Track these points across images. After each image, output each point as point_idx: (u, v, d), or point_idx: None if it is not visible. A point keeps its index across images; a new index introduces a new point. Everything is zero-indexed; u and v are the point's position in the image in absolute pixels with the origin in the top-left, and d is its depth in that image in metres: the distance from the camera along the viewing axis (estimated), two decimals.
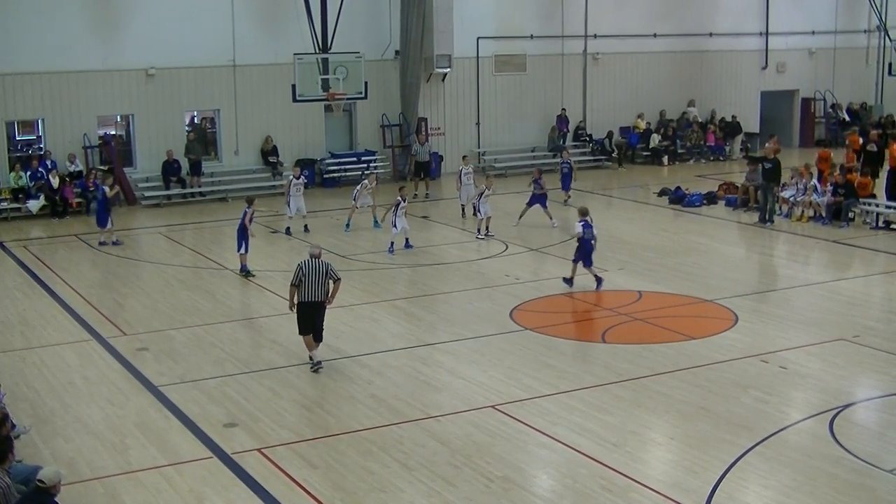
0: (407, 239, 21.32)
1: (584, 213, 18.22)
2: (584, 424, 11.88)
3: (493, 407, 12.50)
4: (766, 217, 24.14)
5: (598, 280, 18.00)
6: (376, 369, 14.04)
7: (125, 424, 12.18)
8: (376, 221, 23.68)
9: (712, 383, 13.26)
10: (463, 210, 25.03)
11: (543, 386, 13.24)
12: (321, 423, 12.13)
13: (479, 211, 22.58)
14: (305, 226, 23.25)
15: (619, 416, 12.17)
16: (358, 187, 23.94)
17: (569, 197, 26.84)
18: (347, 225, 23.64)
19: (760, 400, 12.63)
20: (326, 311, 14.13)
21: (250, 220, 19.24)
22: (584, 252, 18.00)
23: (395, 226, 21.05)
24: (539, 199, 23.72)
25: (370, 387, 13.35)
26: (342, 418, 12.27)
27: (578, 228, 17.97)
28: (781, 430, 11.67)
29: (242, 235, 19.30)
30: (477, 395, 12.96)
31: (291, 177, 23.47)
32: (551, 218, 23.64)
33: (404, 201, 21.15)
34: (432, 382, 13.54)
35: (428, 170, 29.33)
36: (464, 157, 26.50)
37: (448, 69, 31.76)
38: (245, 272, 19.38)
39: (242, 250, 19.32)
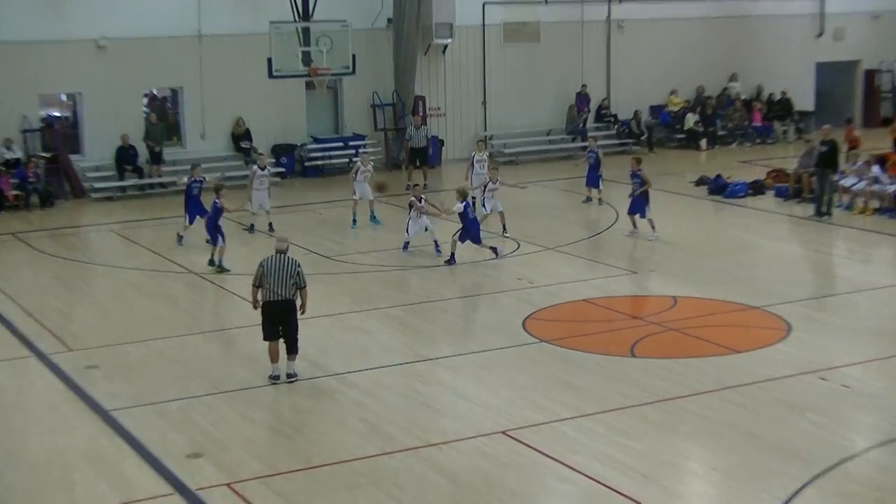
0: (436, 241, 20.90)
1: (464, 194, 20.21)
2: (609, 453, 11.80)
3: (503, 433, 12.43)
4: (823, 209, 24.08)
5: (494, 250, 20.26)
6: (367, 389, 13.96)
7: (70, 456, 12.08)
8: (373, 216, 23.56)
9: (761, 404, 13.18)
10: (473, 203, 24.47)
11: (562, 408, 13.16)
12: (301, 453, 12.05)
13: (484, 206, 22.44)
14: (270, 224, 23.06)
15: (650, 443, 12.09)
16: (352, 174, 23.84)
17: (600, 196, 25.79)
18: (354, 221, 23.53)
19: (818, 424, 12.54)
20: (301, 320, 14.10)
21: (221, 211, 19.71)
22: (471, 232, 19.96)
23: (408, 231, 20.93)
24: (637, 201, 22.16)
25: (359, 410, 13.27)
26: (326, 447, 12.18)
27: (459, 207, 19.85)
28: (844, 460, 11.57)
29: (217, 229, 19.78)
30: (484, 418, 12.88)
31: (255, 166, 23.31)
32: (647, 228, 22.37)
33: (420, 201, 20.89)
34: (432, 404, 13.47)
35: (425, 156, 29.24)
36: (479, 142, 26.42)
37: (449, 40, 31.71)
38: (220, 267, 19.76)
39: (221, 243, 19.83)
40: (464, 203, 19.99)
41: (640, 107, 35.08)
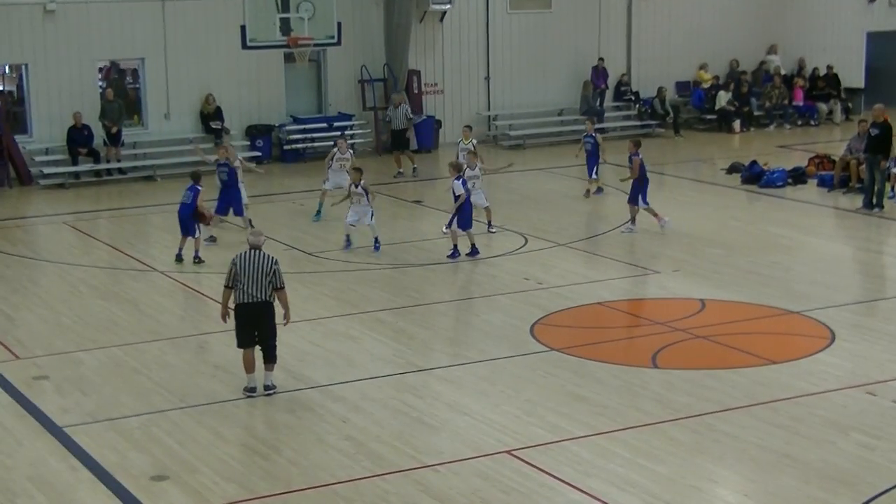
0: (377, 238, 20.95)
1: (458, 168, 20.46)
2: (628, 476, 11.86)
3: (507, 452, 12.49)
4: (873, 201, 24.15)
5: (474, 249, 20.27)
6: (353, 403, 14.02)
7: (16, 478, 12.11)
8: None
9: (800, 423, 13.24)
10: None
11: (574, 425, 13.23)
12: (280, 475, 12.10)
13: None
14: (249, 220, 22.85)
15: (674, 465, 12.16)
16: (328, 159, 23.90)
17: (598, 185, 25.94)
18: (318, 212, 23.59)
19: (865, 446, 12.60)
20: (279, 328, 14.18)
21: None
22: (466, 214, 20.12)
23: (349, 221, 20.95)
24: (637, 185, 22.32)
25: (345, 426, 13.33)
26: (308, 468, 12.25)
27: (459, 188, 19.94)
28: (895, 486, 11.63)
29: (194, 219, 20.16)
30: (486, 436, 12.94)
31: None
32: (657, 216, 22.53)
33: (357, 186, 20.69)
34: (427, 420, 13.53)
35: (405, 140, 29.16)
36: (465, 128, 25.44)
37: (448, 5, 31.78)
38: (197, 258, 20.28)
39: (198, 233, 20.29)
40: (460, 179, 20.17)
41: (665, 83, 35.13)
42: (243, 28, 25.90)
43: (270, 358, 14.24)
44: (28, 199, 26.84)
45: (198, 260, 20.32)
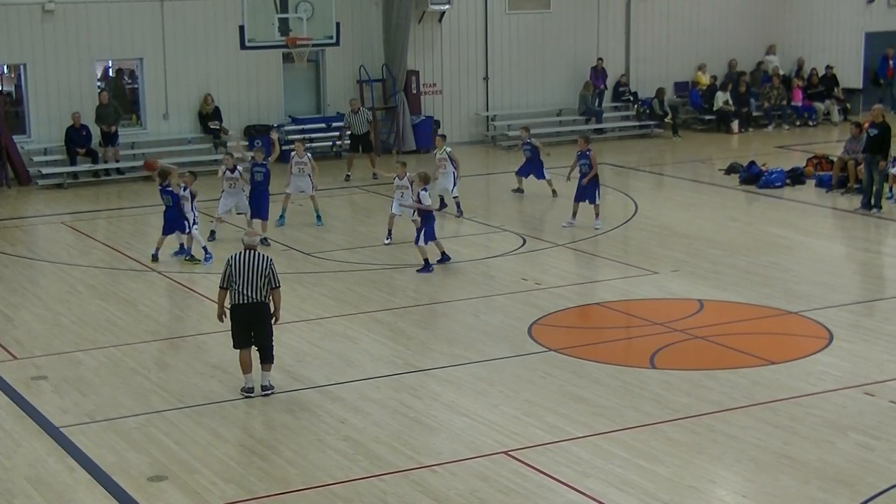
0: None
1: (426, 179, 19.64)
2: (626, 477, 11.87)
3: (505, 453, 12.50)
4: (872, 201, 24.15)
5: (443, 256, 19.91)
6: (352, 403, 14.03)
7: (14, 479, 12.12)
8: (318, 216, 23.27)
9: (798, 423, 13.25)
10: (455, 204, 24.21)
11: (572, 425, 13.24)
12: (278, 476, 12.10)
13: (392, 207, 21.59)
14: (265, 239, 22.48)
15: (673, 465, 12.16)
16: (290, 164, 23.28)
17: (519, 187, 25.79)
18: (281, 216, 23.18)
19: (864, 446, 12.61)
20: (278, 326, 14.16)
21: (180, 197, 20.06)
22: (431, 227, 19.54)
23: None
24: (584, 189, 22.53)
25: (343, 427, 13.33)
26: (306, 468, 12.25)
27: (427, 198, 19.42)
28: (894, 486, 11.62)
29: (182, 215, 20.07)
30: (485, 437, 12.95)
31: (224, 168, 22.65)
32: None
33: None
34: (425, 421, 13.53)
35: (368, 143, 29.00)
36: (438, 137, 24.87)
37: (447, 6, 31.75)
38: (188, 256, 20.33)
39: (188, 230, 20.21)
40: (426, 191, 19.66)
41: (664, 84, 35.10)
42: (242, 28, 25.91)
43: (268, 359, 14.24)
44: (26, 200, 26.82)
45: (188, 257, 20.38)
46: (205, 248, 20.47)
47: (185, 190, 20.16)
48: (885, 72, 36.33)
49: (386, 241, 21.49)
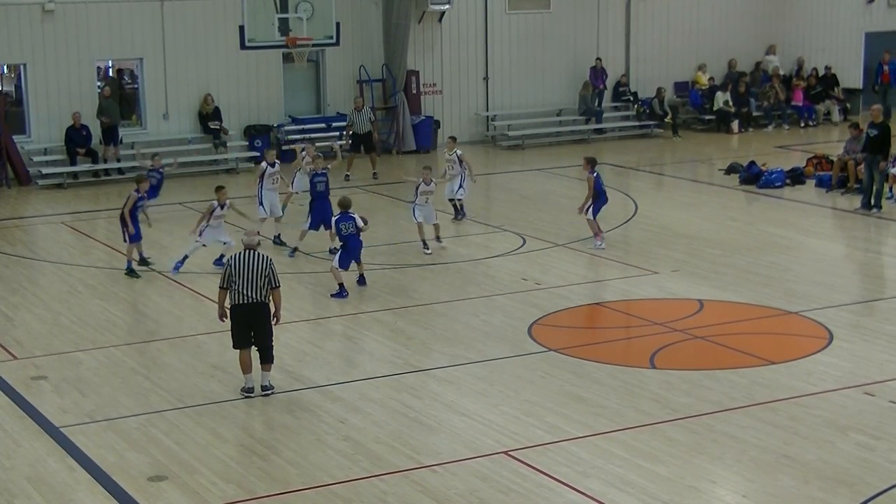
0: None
1: (346, 206, 18.42)
2: (626, 477, 11.88)
3: (505, 453, 12.51)
4: (872, 201, 24.15)
5: (361, 278, 18.88)
6: (352, 403, 14.03)
7: (14, 479, 12.12)
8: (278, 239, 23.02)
9: (798, 423, 13.26)
10: (455, 208, 24.04)
11: (572, 425, 13.24)
12: (278, 475, 12.11)
13: (414, 214, 21.15)
14: (278, 236, 22.26)
15: (673, 465, 12.17)
16: (298, 161, 23.29)
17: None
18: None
19: (864, 446, 12.61)
20: (278, 326, 14.17)
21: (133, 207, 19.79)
22: (354, 252, 18.56)
23: (200, 239, 19.81)
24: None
25: (343, 427, 13.34)
26: (306, 468, 12.26)
27: (360, 222, 18.36)
28: (894, 486, 11.63)
29: (125, 223, 19.75)
30: (485, 437, 12.95)
31: (264, 163, 22.04)
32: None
33: (222, 207, 19.75)
34: (425, 421, 13.53)
35: (370, 142, 29.03)
36: (450, 139, 24.36)
37: (447, 6, 31.76)
38: (145, 261, 20.22)
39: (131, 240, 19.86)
40: (346, 217, 18.41)
41: (664, 83, 35.13)
42: (242, 28, 25.93)
43: (268, 359, 14.24)
44: (26, 200, 26.83)
45: (137, 264, 20.02)
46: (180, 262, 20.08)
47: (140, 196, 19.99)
48: (880, 77, 36.32)
49: (427, 252, 20.89)
